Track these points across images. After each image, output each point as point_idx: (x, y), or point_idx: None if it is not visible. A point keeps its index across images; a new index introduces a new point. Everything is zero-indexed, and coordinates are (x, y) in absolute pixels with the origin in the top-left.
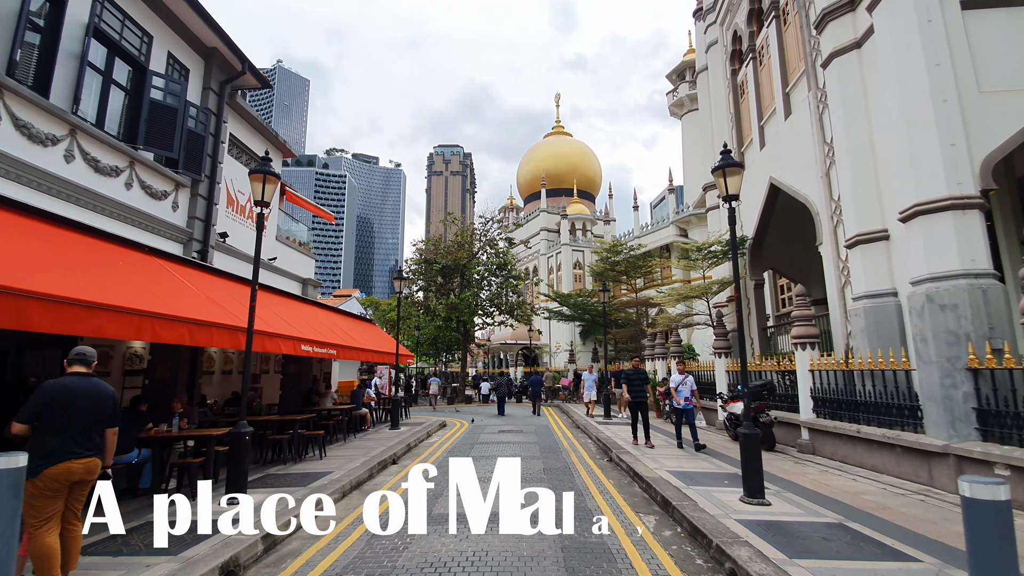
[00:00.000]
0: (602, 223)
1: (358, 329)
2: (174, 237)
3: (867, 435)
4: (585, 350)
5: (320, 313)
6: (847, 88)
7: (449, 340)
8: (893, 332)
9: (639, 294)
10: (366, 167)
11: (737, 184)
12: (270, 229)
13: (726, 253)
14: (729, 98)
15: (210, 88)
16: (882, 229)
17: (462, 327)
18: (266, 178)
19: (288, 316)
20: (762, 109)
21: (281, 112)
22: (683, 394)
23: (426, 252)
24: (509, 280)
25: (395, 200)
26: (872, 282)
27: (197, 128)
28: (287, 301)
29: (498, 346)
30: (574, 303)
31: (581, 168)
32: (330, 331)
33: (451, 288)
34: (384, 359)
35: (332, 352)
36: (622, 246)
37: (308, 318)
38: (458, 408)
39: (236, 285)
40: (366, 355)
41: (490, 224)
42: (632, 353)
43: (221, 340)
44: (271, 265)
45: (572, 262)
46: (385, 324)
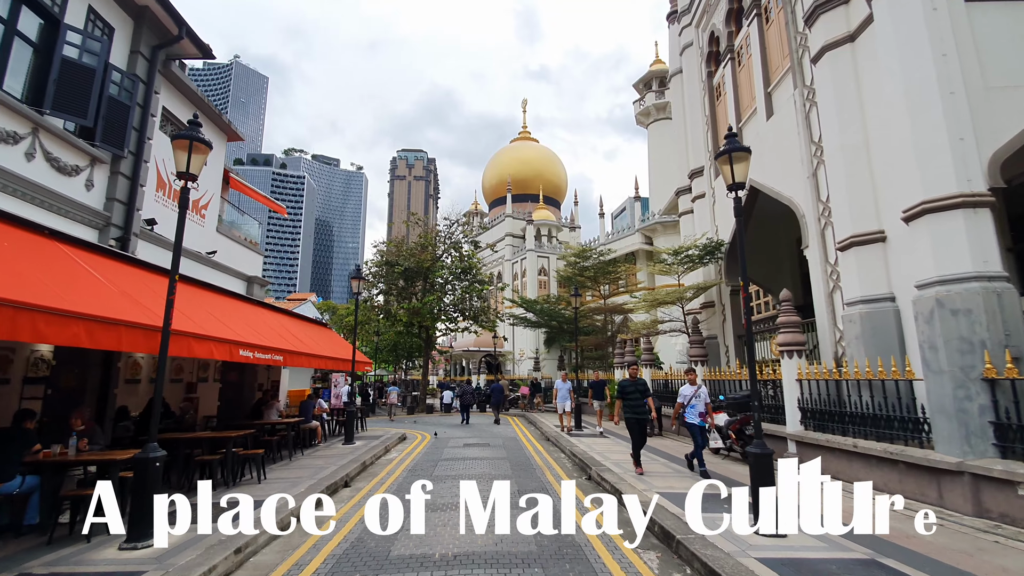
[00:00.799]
0: (567, 229)
1: (311, 333)
2: (87, 221)
3: (865, 450)
4: (550, 358)
5: (267, 315)
6: (840, 83)
7: (410, 346)
8: (891, 339)
9: (607, 301)
10: (327, 169)
11: (744, 171)
12: (210, 218)
13: (702, 257)
14: (705, 101)
15: (139, 52)
16: (878, 230)
17: (424, 333)
18: (193, 145)
19: (226, 317)
20: (741, 111)
21: (237, 109)
22: (696, 409)
23: (387, 254)
24: (474, 285)
25: (356, 204)
26: (868, 286)
27: (121, 96)
28: (227, 300)
29: (461, 353)
30: (541, 309)
31: (547, 174)
32: (277, 335)
33: (413, 292)
34: (339, 366)
35: (278, 358)
36: (591, 251)
37: (252, 320)
38: (416, 419)
39: (163, 280)
40: (319, 362)
41: (455, 227)
42: (599, 362)
43: (132, 342)
44: (210, 260)
45: (537, 268)
46: (342, 329)
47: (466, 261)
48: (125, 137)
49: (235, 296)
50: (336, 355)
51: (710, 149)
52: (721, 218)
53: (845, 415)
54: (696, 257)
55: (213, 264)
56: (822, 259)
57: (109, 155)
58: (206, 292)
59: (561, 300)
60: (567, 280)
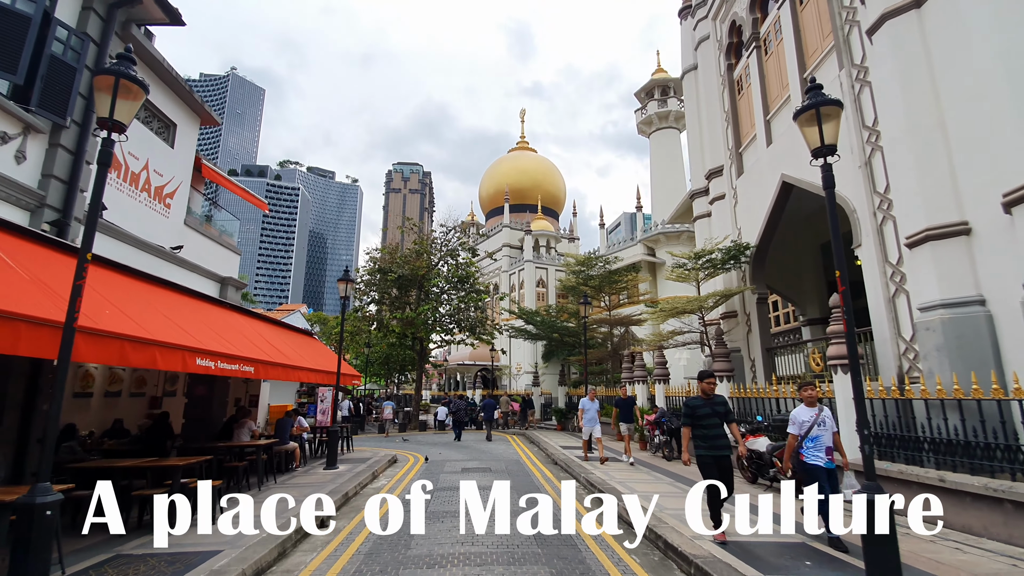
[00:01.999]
0: (566, 241)
1: (293, 343)
2: (15, 200)
3: (956, 485)
4: (550, 372)
5: (240, 320)
6: (904, 56)
7: (403, 359)
8: (983, 350)
9: (612, 312)
10: (322, 181)
11: (834, 131)
12: (176, 209)
13: (725, 262)
14: (723, 96)
15: (93, 8)
16: (960, 222)
17: (418, 344)
18: (120, 83)
19: (187, 320)
20: (769, 101)
21: (233, 120)
22: (822, 442)
23: (380, 260)
24: (471, 295)
25: (351, 216)
26: (949, 288)
27: (66, 56)
28: (192, 302)
29: (456, 367)
30: (541, 320)
31: (545, 184)
32: (250, 343)
33: (407, 301)
34: (323, 379)
35: (248, 369)
36: (596, 259)
37: (220, 325)
38: (408, 437)
39: (105, 273)
40: (300, 374)
41: (452, 233)
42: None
43: (32, 343)
44: (175, 256)
45: (536, 279)
46: (331, 341)
47: (463, 269)
48: (69, 104)
49: (204, 298)
50: (320, 367)
51: (730, 146)
52: (744, 219)
53: (919, 441)
54: (719, 261)
55: (179, 261)
56: (879, 259)
57: (48, 124)
58: (167, 292)
59: (563, 311)
60: (570, 290)
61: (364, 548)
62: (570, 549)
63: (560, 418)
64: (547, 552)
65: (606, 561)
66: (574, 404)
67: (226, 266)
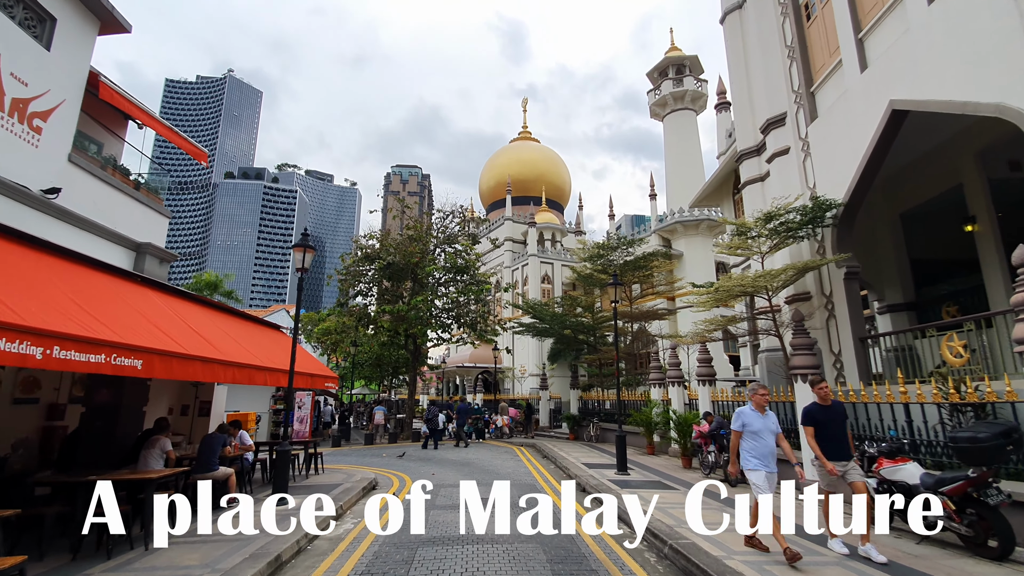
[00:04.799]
0: (572, 234)
1: (251, 337)
2: None
3: None
4: (558, 375)
5: (172, 303)
6: None
7: (395, 360)
8: None
9: (634, 305)
10: (320, 184)
11: None
12: (51, 136)
13: (803, 225)
14: (784, 28)
15: None
16: None
17: (411, 343)
18: None
19: (46, 293)
20: (861, 16)
21: (230, 122)
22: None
23: (367, 248)
24: (471, 286)
25: (349, 220)
26: None
27: None
28: (83, 271)
29: (455, 370)
30: (551, 315)
31: (549, 175)
32: (159, 332)
33: (399, 294)
34: (276, 380)
35: (134, 364)
36: (620, 241)
37: (114, 305)
38: (400, 448)
39: None
40: (239, 373)
41: (449, 218)
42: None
43: None
44: (52, 204)
45: (540, 275)
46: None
47: (462, 257)
48: None
49: (108, 269)
50: (275, 366)
51: (796, 88)
52: (822, 173)
53: None
54: (796, 224)
55: (60, 213)
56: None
57: None
58: (35, 253)
59: (575, 304)
60: (585, 279)
61: None
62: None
63: (573, 426)
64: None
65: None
66: (589, 410)
67: (147, 230)
